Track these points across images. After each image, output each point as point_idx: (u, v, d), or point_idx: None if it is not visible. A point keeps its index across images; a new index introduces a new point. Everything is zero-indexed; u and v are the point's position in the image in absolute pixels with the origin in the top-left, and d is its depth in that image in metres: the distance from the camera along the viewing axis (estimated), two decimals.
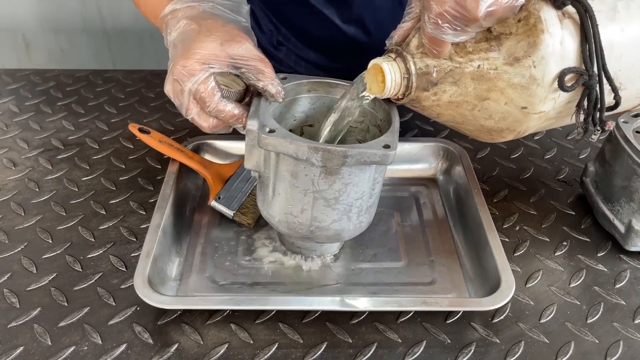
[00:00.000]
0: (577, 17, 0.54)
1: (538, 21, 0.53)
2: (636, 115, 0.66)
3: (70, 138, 0.83)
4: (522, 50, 0.53)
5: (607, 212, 0.67)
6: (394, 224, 0.70)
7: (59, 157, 0.79)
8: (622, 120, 0.65)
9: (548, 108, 0.57)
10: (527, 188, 0.75)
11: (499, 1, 0.49)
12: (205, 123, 0.59)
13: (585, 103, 0.56)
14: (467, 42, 0.54)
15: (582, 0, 0.53)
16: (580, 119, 0.57)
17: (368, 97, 0.58)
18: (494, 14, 0.50)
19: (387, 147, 0.53)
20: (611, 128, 0.58)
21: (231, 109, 0.58)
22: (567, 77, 0.54)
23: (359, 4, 0.88)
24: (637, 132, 0.65)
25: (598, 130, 0.58)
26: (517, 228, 0.69)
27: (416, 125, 0.87)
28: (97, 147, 0.82)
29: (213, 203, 0.67)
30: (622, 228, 0.65)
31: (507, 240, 0.67)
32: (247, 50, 0.57)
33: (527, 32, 0.53)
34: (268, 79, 0.57)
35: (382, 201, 0.72)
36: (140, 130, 0.73)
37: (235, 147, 0.77)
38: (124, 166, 0.78)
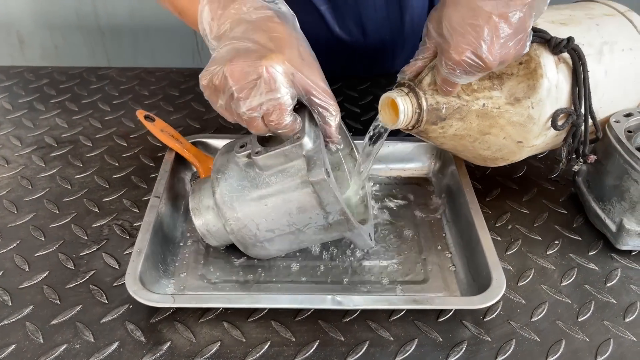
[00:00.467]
0: (570, 61, 0.60)
1: (538, 66, 0.59)
2: (628, 115, 0.66)
3: (63, 136, 0.83)
4: (522, 91, 0.59)
5: (599, 211, 0.67)
6: (386, 222, 0.70)
7: (52, 154, 0.79)
8: (613, 120, 0.65)
9: (539, 142, 0.63)
10: (519, 187, 0.76)
11: (510, 53, 0.55)
12: (254, 126, 0.54)
13: (571, 139, 0.63)
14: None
15: (577, 48, 0.60)
16: (564, 152, 0.64)
17: (382, 129, 0.62)
18: (504, 63, 0.56)
19: (370, 239, 0.61)
20: (592, 161, 0.65)
21: (295, 126, 0.54)
22: (559, 117, 0.60)
23: (356, 4, 0.88)
24: (629, 131, 0.66)
25: (580, 162, 0.65)
26: (510, 227, 0.70)
27: None
28: (91, 145, 0.81)
29: None
30: (613, 227, 0.65)
31: (500, 239, 0.68)
32: (322, 82, 0.54)
33: (527, 75, 0.59)
34: (335, 128, 0.55)
35: (374, 199, 0.73)
36: (146, 117, 0.75)
37: None
38: (117, 164, 0.78)
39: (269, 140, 0.58)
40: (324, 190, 0.53)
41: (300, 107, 0.56)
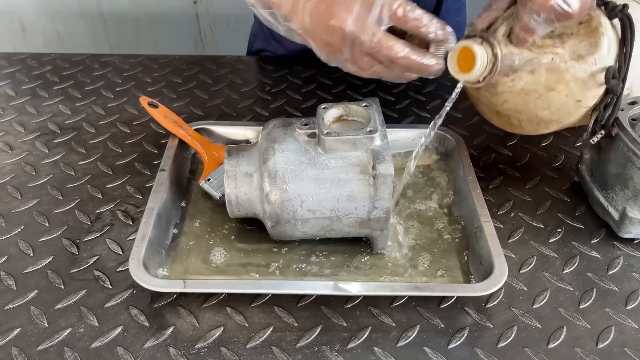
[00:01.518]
0: (618, 27, 0.61)
1: (599, 25, 0.60)
2: (632, 103, 0.66)
3: (66, 122, 0.83)
4: (584, 49, 0.61)
5: (602, 200, 0.67)
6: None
7: (56, 141, 0.79)
8: None
9: (593, 103, 0.63)
10: (522, 175, 0.76)
11: (588, 3, 0.57)
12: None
13: (603, 107, 0.63)
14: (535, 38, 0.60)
15: (630, 16, 0.60)
16: (592, 120, 0.64)
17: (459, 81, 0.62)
18: (581, 15, 0.58)
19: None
20: (616, 133, 0.64)
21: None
22: (611, 75, 0.60)
23: None
24: (633, 119, 0.66)
25: (602, 134, 0.65)
26: (512, 215, 0.70)
27: (413, 112, 0.87)
28: (94, 132, 0.82)
29: (202, 183, 0.68)
30: (616, 215, 0.65)
31: (502, 226, 0.68)
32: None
33: (589, 34, 0.61)
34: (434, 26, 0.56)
35: None
36: (150, 104, 0.75)
37: (233, 132, 0.78)
38: (120, 150, 0.78)
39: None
40: (384, 185, 0.56)
41: (370, 105, 0.61)
